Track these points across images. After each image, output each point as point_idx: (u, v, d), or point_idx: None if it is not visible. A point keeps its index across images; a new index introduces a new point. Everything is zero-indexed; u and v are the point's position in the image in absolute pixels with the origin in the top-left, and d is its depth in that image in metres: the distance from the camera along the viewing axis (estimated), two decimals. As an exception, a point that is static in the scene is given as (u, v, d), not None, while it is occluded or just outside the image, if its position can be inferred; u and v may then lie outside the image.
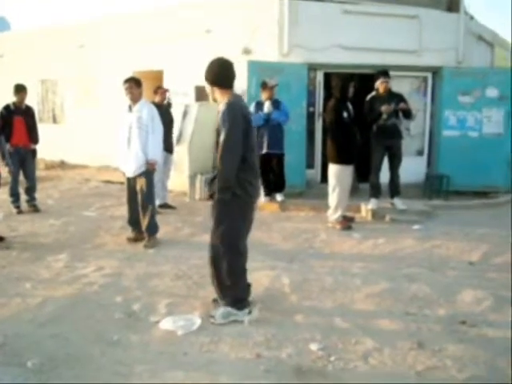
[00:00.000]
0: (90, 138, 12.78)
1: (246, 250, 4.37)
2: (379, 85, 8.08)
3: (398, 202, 8.20)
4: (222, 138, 3.98)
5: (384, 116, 7.82)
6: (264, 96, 8.42)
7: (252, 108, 8.35)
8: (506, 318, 4.33)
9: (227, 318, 4.16)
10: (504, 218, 8.17)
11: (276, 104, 8.37)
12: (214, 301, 4.42)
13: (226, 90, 4.14)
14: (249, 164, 4.08)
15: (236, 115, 3.97)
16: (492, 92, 9.66)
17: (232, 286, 4.21)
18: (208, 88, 4.21)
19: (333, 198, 7.39)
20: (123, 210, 6.88)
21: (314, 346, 3.75)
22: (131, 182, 6.32)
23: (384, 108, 7.78)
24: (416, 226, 7.48)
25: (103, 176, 11.59)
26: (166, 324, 4.09)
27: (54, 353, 3.60)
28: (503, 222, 7.85)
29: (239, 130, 3.96)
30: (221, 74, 4.14)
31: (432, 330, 4.07)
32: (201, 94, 10.02)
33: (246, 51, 10.05)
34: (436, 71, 10.21)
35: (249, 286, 4.43)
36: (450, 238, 6.88)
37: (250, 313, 4.23)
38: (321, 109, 9.99)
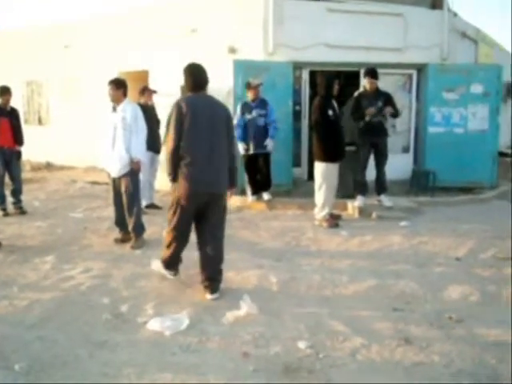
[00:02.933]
0: (76, 139, 12.70)
1: (185, 231, 4.87)
2: (366, 83, 8.12)
3: (385, 199, 8.25)
4: None
5: (367, 118, 7.86)
6: (250, 96, 8.40)
7: (238, 109, 8.38)
8: (493, 314, 4.37)
9: (157, 269, 5.16)
10: (489, 214, 8.25)
11: (263, 104, 8.36)
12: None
13: (191, 92, 4.78)
14: (189, 157, 4.58)
15: (175, 113, 4.61)
16: (476, 88, 9.72)
17: (165, 249, 4.99)
18: None
19: (319, 195, 7.41)
20: (110, 211, 6.85)
21: (302, 344, 3.76)
22: (116, 183, 6.30)
23: (368, 111, 7.83)
24: (403, 223, 7.52)
25: (90, 177, 11.54)
26: (154, 324, 4.08)
27: (41, 355, 3.59)
28: (489, 218, 7.92)
29: (175, 127, 4.58)
30: (185, 79, 4.79)
31: (419, 326, 4.10)
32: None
33: (232, 50, 10.04)
34: (421, 68, 10.26)
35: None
36: (437, 234, 6.92)
37: (175, 275, 5.13)
38: (307, 107, 10.00)
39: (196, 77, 4.75)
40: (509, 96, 16.00)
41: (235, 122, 8.48)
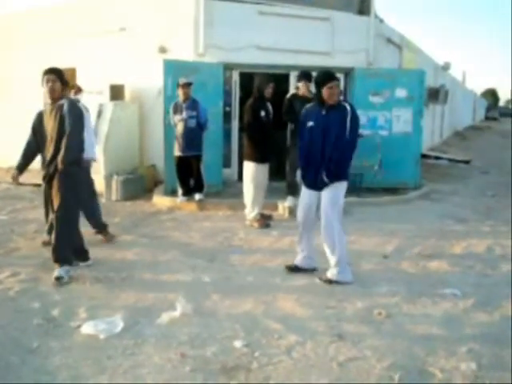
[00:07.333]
0: (-1, 137, 12.22)
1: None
2: (301, 87, 8.20)
3: (314, 200, 8.39)
4: (69, 123, 5.04)
5: None
6: (180, 96, 8.33)
7: (170, 110, 8.31)
8: (420, 308, 4.58)
9: (68, 272, 5.07)
10: (413, 213, 8.58)
11: (194, 105, 8.26)
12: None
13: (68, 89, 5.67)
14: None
15: (78, 108, 5.24)
16: (401, 92, 10.07)
17: (69, 244, 5.22)
18: (57, 85, 5.16)
19: (248, 196, 7.47)
20: (37, 213, 6.65)
21: (238, 343, 3.81)
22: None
23: None
24: (332, 223, 7.69)
25: (13, 178, 11.08)
26: (88, 328, 4.01)
27: (-32, 363, 3.45)
28: (412, 217, 8.24)
29: (82, 120, 5.22)
30: (64, 79, 5.30)
31: (351, 323, 4.24)
32: (116, 93, 9.82)
33: (162, 50, 9.98)
34: (348, 72, 10.51)
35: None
36: (364, 234, 7.13)
37: (88, 260, 5.48)
38: (237, 108, 10.07)
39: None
40: (430, 100, 16.69)
41: (172, 122, 8.44)
